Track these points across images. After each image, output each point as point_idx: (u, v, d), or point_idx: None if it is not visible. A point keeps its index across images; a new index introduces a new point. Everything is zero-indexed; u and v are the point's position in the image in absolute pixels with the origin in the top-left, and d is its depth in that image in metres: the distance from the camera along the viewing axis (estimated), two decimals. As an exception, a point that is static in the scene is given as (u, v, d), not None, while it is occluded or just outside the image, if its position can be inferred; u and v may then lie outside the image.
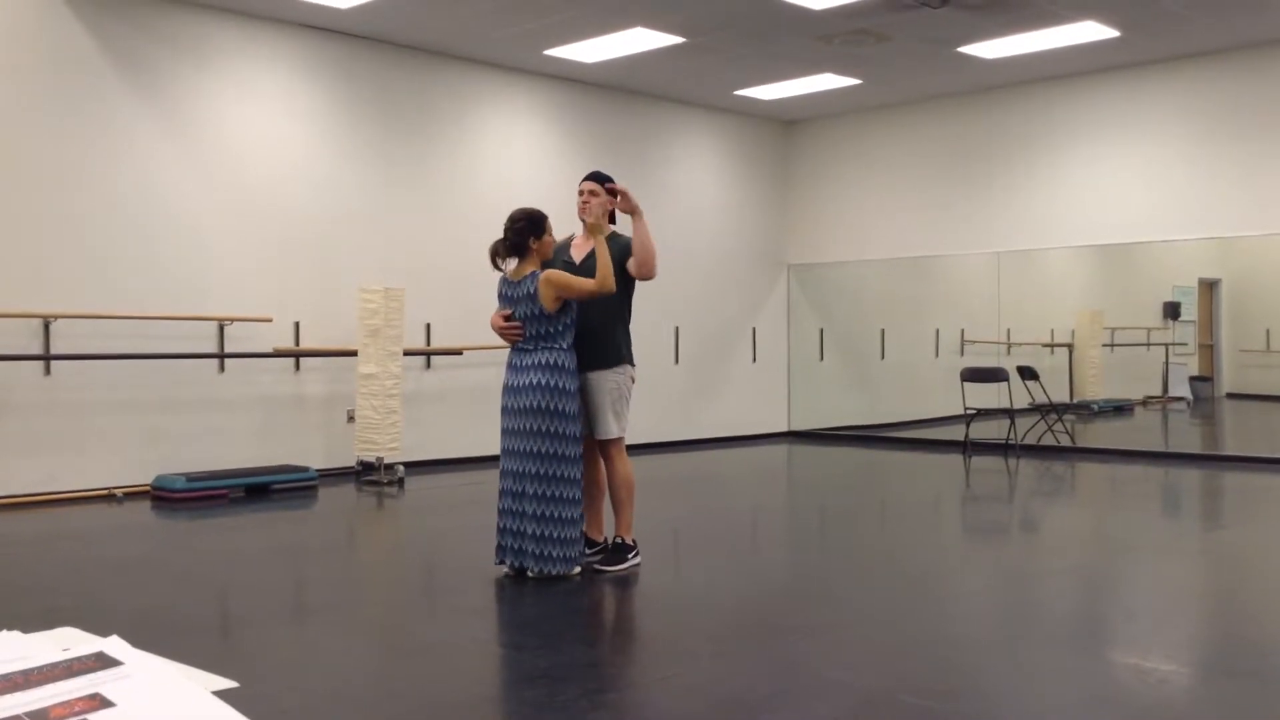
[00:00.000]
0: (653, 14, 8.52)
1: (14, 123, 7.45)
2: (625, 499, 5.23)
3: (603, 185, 5.26)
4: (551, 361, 4.99)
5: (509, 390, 5.07)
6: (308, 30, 8.82)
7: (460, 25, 8.84)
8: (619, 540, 5.26)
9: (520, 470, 5.01)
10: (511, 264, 5.13)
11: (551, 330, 5.01)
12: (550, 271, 5.00)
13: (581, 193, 5.25)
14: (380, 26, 8.88)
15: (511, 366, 5.11)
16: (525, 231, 5.04)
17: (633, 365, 5.30)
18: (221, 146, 8.40)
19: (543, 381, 4.97)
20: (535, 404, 4.96)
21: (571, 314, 5.04)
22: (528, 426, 4.99)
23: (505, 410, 5.10)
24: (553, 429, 4.96)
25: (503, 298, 5.15)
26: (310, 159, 8.88)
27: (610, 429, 5.18)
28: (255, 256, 8.53)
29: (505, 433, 5.10)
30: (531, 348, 5.04)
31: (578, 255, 5.28)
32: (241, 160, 8.50)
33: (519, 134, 10.25)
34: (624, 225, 5.33)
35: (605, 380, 5.17)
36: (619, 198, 5.22)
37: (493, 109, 10.04)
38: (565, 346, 5.03)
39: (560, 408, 4.97)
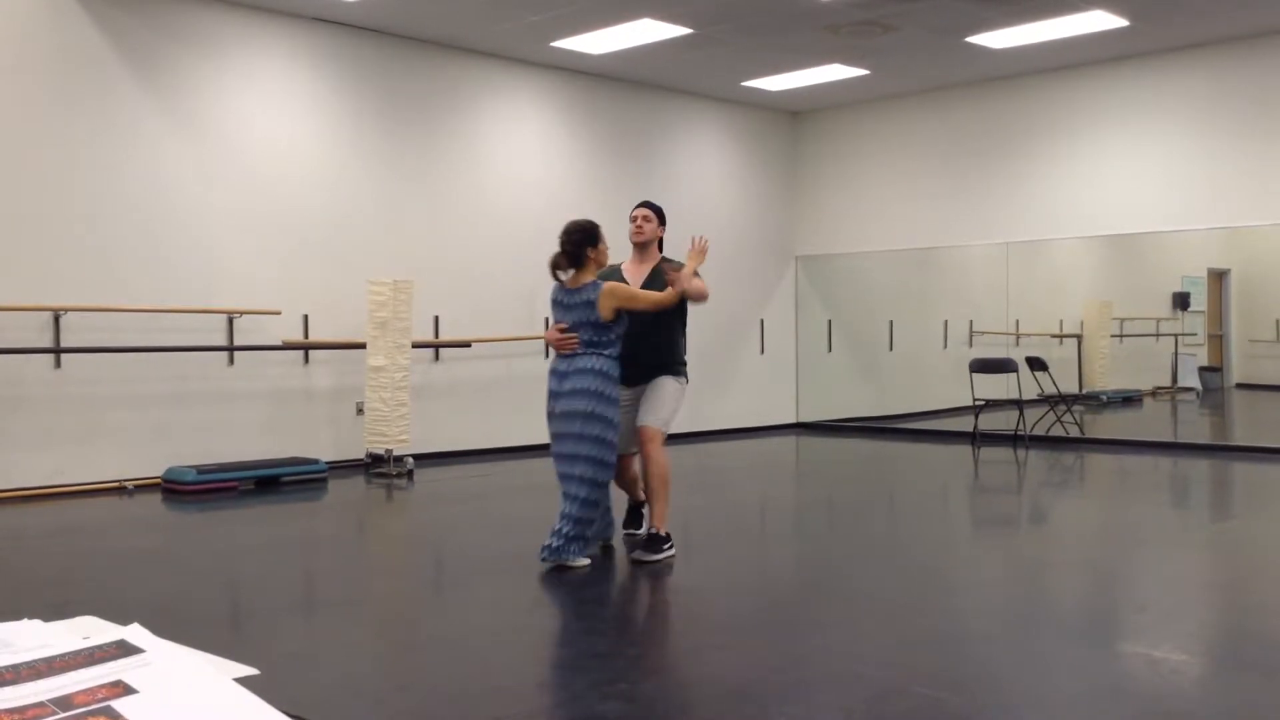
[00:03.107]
0: (660, 5, 8.51)
1: (23, 117, 7.47)
2: (661, 492, 5.38)
3: (695, 241, 5.43)
4: (600, 368, 5.10)
5: (556, 396, 5.15)
6: (315, 23, 8.83)
7: (467, 17, 8.84)
8: (654, 531, 5.35)
9: (568, 473, 5.12)
10: (569, 273, 5.25)
11: (602, 339, 5.13)
12: (615, 284, 5.18)
13: (635, 219, 5.55)
14: (387, 19, 8.88)
15: (556, 372, 5.20)
16: (582, 243, 5.20)
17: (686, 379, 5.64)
18: (230, 140, 8.41)
19: (592, 386, 5.07)
20: (584, 408, 5.06)
21: (623, 325, 5.18)
22: (575, 430, 5.08)
23: (552, 415, 5.18)
24: (595, 434, 5.07)
25: (557, 304, 5.25)
26: (318, 152, 8.89)
27: (664, 418, 5.41)
28: (264, 249, 8.55)
29: (555, 437, 5.18)
30: (581, 352, 5.14)
31: (632, 280, 5.47)
32: (250, 154, 8.51)
33: (526, 126, 10.25)
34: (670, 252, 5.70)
35: (672, 382, 5.49)
36: (699, 253, 5.38)
37: (500, 101, 10.04)
38: (614, 355, 5.16)
39: (604, 414, 5.09)
